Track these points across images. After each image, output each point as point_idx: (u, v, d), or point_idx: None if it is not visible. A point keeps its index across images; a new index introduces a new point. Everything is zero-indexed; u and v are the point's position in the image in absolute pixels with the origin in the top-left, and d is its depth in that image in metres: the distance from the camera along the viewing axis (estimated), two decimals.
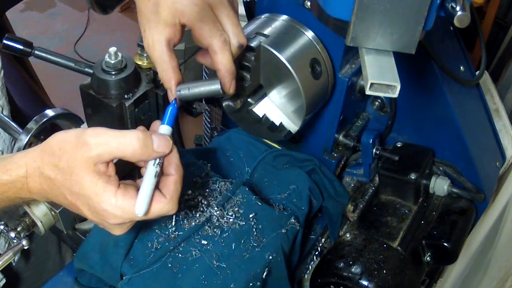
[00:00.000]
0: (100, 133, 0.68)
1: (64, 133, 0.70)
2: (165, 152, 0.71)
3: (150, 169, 0.71)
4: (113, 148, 0.67)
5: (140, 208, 0.68)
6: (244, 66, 0.90)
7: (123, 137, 0.68)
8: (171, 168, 0.73)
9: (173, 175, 0.72)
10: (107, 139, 0.67)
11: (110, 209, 0.68)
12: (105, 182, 0.68)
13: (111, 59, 0.86)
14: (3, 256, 0.92)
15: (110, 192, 0.68)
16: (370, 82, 0.74)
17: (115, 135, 0.67)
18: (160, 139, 0.70)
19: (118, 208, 0.68)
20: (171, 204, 0.71)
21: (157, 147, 0.70)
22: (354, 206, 1.11)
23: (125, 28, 3.79)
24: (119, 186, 0.69)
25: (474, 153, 1.08)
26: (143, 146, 0.68)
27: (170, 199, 0.71)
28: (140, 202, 0.68)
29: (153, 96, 0.92)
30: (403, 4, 0.72)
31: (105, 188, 0.67)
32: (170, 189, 0.72)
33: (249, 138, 1.09)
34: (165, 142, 0.71)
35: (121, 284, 0.86)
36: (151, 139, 0.69)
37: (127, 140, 0.67)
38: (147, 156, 0.70)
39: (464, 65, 1.11)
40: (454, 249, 1.03)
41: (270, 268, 0.89)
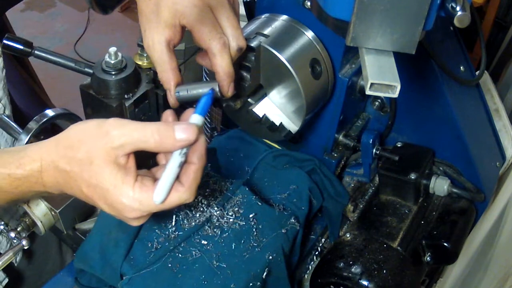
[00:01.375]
0: (122, 124, 0.67)
1: (84, 124, 0.69)
2: (189, 140, 0.68)
3: (175, 158, 0.69)
4: (136, 139, 0.66)
5: (158, 196, 0.67)
6: (244, 66, 0.90)
7: (145, 128, 0.66)
8: (194, 156, 0.70)
9: (195, 164, 0.70)
10: (129, 130, 0.66)
11: (128, 202, 0.67)
12: (124, 175, 0.67)
13: (111, 59, 0.86)
14: (3, 256, 0.92)
15: (128, 184, 0.67)
16: (370, 82, 0.74)
17: (137, 127, 0.66)
18: (185, 129, 0.67)
19: (136, 201, 0.67)
20: (188, 193, 0.70)
21: (180, 137, 0.67)
22: (354, 206, 1.11)
23: (125, 28, 3.79)
24: (137, 179, 0.68)
25: (474, 153, 1.08)
26: (164, 137, 0.66)
27: (188, 187, 0.70)
28: (159, 190, 0.67)
29: (153, 96, 0.92)
30: (403, 4, 0.72)
31: (123, 181, 0.67)
32: (190, 178, 0.70)
33: (249, 138, 1.09)
34: (190, 130, 0.67)
35: (121, 284, 0.86)
36: (172, 130, 0.67)
37: (148, 131, 0.66)
38: (170, 147, 0.68)
39: (464, 65, 1.11)
40: (454, 249, 1.03)
41: (270, 268, 0.89)
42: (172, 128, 0.67)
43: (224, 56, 0.80)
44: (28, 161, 0.70)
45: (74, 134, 0.68)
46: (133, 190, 0.67)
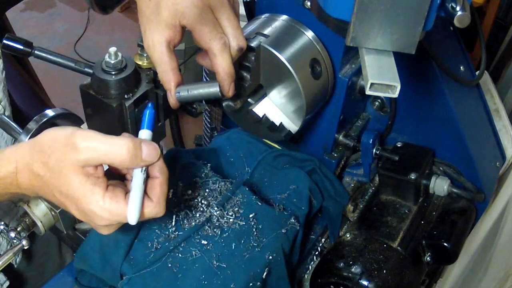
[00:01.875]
0: (90, 137, 0.67)
1: (55, 131, 0.69)
2: (153, 161, 0.70)
3: (138, 176, 0.70)
4: (102, 154, 0.67)
5: (132, 216, 0.69)
6: (244, 66, 0.90)
7: (112, 144, 0.67)
8: (155, 170, 0.71)
9: (158, 178, 0.71)
10: (96, 144, 0.67)
11: (98, 211, 0.68)
12: (93, 184, 0.67)
13: (111, 59, 0.86)
14: (3, 256, 0.92)
15: (98, 194, 0.68)
16: (370, 82, 0.74)
17: (104, 142, 0.67)
18: (149, 148, 0.69)
19: (106, 211, 0.68)
20: (158, 207, 0.71)
21: (145, 156, 0.69)
22: (354, 206, 1.11)
23: (125, 28, 3.79)
24: (107, 189, 0.69)
25: (474, 153, 1.08)
26: (132, 156, 0.67)
27: (157, 202, 0.71)
28: (132, 210, 0.69)
29: (153, 96, 0.92)
30: (403, 4, 0.72)
31: (93, 191, 0.67)
32: (157, 192, 0.71)
33: (249, 138, 1.09)
34: (154, 150, 0.70)
35: (121, 284, 0.86)
36: (140, 149, 0.68)
37: (116, 148, 0.67)
38: (135, 165, 0.69)
39: (464, 65, 1.11)
40: (454, 249, 1.03)
41: (270, 268, 0.89)
42: (140, 147, 0.68)
43: (224, 56, 0.80)
44: (4, 162, 0.71)
45: (46, 140, 0.69)
46: (103, 200, 0.68)
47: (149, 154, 0.69)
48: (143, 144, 0.69)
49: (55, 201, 0.71)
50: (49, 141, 0.69)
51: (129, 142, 0.67)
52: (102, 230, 0.73)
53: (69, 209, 0.71)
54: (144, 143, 0.69)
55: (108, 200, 0.68)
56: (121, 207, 0.68)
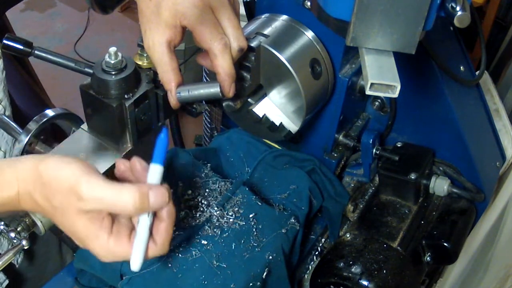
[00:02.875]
0: (95, 188, 0.65)
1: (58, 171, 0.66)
2: (161, 207, 0.68)
3: (144, 221, 0.68)
4: (107, 206, 0.65)
5: (135, 264, 0.68)
6: (244, 66, 0.90)
7: (118, 195, 0.65)
8: (163, 213, 0.69)
9: (165, 221, 0.70)
10: (101, 195, 0.65)
11: (102, 252, 0.68)
12: (98, 228, 0.67)
13: (111, 59, 0.86)
14: (3, 256, 0.92)
15: (103, 238, 0.67)
16: (370, 82, 0.74)
17: (110, 192, 0.65)
18: (157, 196, 0.66)
19: (110, 253, 0.68)
20: (161, 249, 0.71)
21: (153, 204, 0.66)
22: (354, 206, 1.11)
23: (125, 28, 3.79)
24: (112, 230, 0.68)
25: (474, 153, 1.08)
26: (138, 208, 0.66)
27: (162, 245, 0.70)
28: (135, 258, 0.68)
29: (153, 96, 0.92)
30: (403, 4, 0.72)
31: (97, 234, 0.67)
32: (162, 236, 0.70)
33: (249, 138, 1.09)
34: (162, 198, 0.67)
35: (121, 284, 0.86)
36: (148, 199, 0.66)
37: (122, 199, 0.65)
38: (142, 213, 0.68)
39: (464, 65, 1.11)
40: (454, 249, 1.03)
41: (270, 268, 0.89)
42: (147, 198, 0.66)
43: (225, 56, 0.80)
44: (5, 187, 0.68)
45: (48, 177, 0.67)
46: (107, 243, 0.67)
47: (157, 202, 0.67)
48: (151, 192, 0.66)
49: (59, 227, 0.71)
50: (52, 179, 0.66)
51: (136, 193, 0.65)
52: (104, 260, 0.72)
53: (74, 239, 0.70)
54: (152, 190, 0.66)
55: (112, 243, 0.67)
56: (125, 249, 0.68)
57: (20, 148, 0.94)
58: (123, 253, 0.68)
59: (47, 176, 0.67)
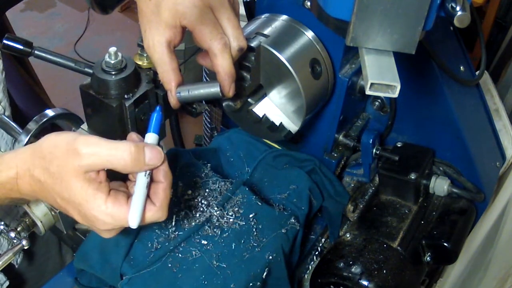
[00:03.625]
0: (91, 143, 0.67)
1: (56, 137, 0.69)
2: (157, 165, 0.70)
3: (141, 180, 0.70)
4: (104, 160, 0.67)
5: (133, 220, 0.69)
6: (244, 66, 0.90)
7: (114, 149, 0.67)
8: (160, 175, 0.71)
9: (162, 182, 0.71)
10: (98, 149, 0.67)
11: (100, 216, 0.68)
12: (95, 189, 0.67)
13: (111, 59, 0.86)
14: (3, 256, 0.92)
15: (101, 199, 0.68)
16: (370, 82, 0.74)
17: (106, 147, 0.67)
18: (152, 152, 0.69)
19: (108, 215, 0.68)
20: (161, 212, 0.71)
21: (148, 160, 0.69)
22: (354, 206, 1.11)
23: (125, 28, 3.79)
24: (110, 193, 0.69)
25: (474, 153, 1.08)
26: (134, 160, 0.67)
27: (160, 206, 0.71)
28: (133, 214, 0.69)
29: (153, 96, 0.92)
30: (403, 4, 0.72)
31: (95, 196, 0.67)
32: (160, 197, 0.71)
33: (249, 138, 1.09)
34: (157, 154, 0.69)
35: (121, 284, 0.86)
36: (143, 153, 0.68)
37: (118, 153, 0.67)
38: (138, 169, 0.69)
39: (464, 65, 1.11)
40: (454, 249, 1.03)
41: (270, 268, 0.89)
42: (142, 151, 0.68)
43: (225, 56, 0.80)
44: (4, 168, 0.70)
45: (46, 146, 0.69)
46: (105, 205, 0.68)
47: (152, 158, 0.69)
48: (147, 148, 0.69)
49: (57, 206, 0.71)
50: (50, 146, 0.68)
51: (131, 147, 0.67)
52: (104, 234, 0.73)
53: (71, 214, 0.71)
54: (148, 147, 0.69)
55: (110, 205, 0.68)
56: (123, 211, 0.68)
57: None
58: (121, 215, 0.68)
59: (46, 144, 0.69)
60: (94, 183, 0.67)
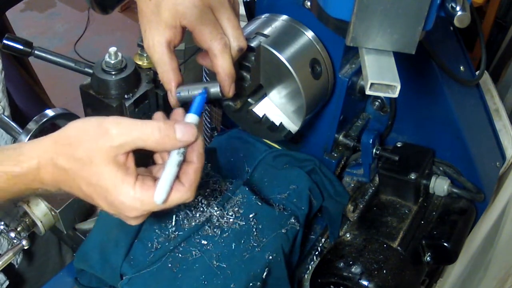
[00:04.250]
0: (122, 122, 0.67)
1: (82, 122, 0.68)
2: (190, 141, 0.69)
3: (173, 157, 0.69)
4: (135, 137, 0.66)
5: (159, 196, 0.67)
6: (244, 66, 0.90)
7: (144, 127, 0.67)
8: (193, 155, 0.71)
9: (195, 163, 0.71)
10: (129, 128, 0.66)
11: (129, 201, 0.67)
12: (124, 174, 0.67)
13: (111, 59, 0.86)
14: (3, 256, 0.92)
15: (129, 184, 0.67)
16: (370, 82, 0.74)
17: (137, 125, 0.67)
18: (185, 128, 0.69)
19: (137, 200, 0.67)
20: (189, 193, 0.70)
21: (181, 137, 0.68)
22: (354, 206, 1.11)
23: (125, 28, 3.79)
24: (137, 178, 0.68)
25: (474, 153, 1.08)
26: (165, 136, 0.67)
27: (189, 187, 0.70)
28: (160, 190, 0.68)
29: (153, 96, 0.92)
30: (403, 4, 0.72)
31: (123, 180, 0.67)
32: (190, 177, 0.70)
33: (249, 138, 1.09)
34: (190, 130, 0.69)
35: (121, 284, 0.86)
36: (173, 129, 0.68)
37: (148, 130, 0.67)
38: (170, 146, 0.69)
39: (464, 65, 1.11)
40: (454, 249, 1.03)
41: (270, 268, 0.89)
42: (173, 127, 0.68)
43: (225, 56, 0.80)
44: (25, 158, 0.69)
45: (73, 132, 0.68)
46: (133, 190, 0.67)
47: (185, 134, 0.68)
48: (179, 125, 0.68)
49: (81, 195, 0.70)
50: (77, 132, 0.68)
51: (160, 123, 0.67)
52: (130, 221, 0.72)
53: (97, 201, 0.70)
54: (180, 124, 0.69)
55: (138, 190, 0.67)
56: (151, 195, 0.68)
57: None
58: (150, 199, 0.67)
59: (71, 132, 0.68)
60: (123, 168, 0.67)
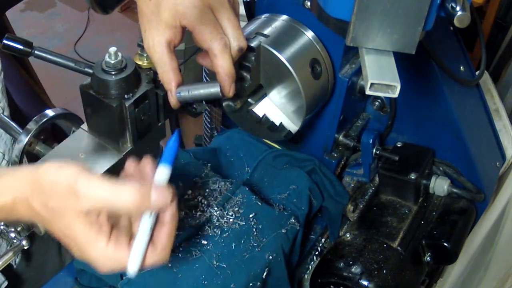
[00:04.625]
0: (93, 185, 0.64)
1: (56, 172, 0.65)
2: (164, 207, 0.66)
3: (145, 222, 0.66)
4: (106, 203, 0.64)
5: (132, 266, 0.66)
6: (244, 66, 0.90)
7: (117, 193, 0.64)
8: (166, 216, 0.68)
9: (168, 224, 0.68)
10: (100, 193, 0.64)
11: (101, 259, 0.66)
12: (97, 232, 0.65)
13: (111, 59, 0.86)
14: (3, 256, 0.92)
15: (102, 242, 0.65)
16: (370, 82, 0.74)
17: (109, 190, 0.64)
18: (159, 194, 0.65)
19: (109, 259, 0.66)
20: (163, 255, 0.69)
21: (154, 203, 0.65)
22: (354, 206, 1.11)
23: (125, 28, 3.79)
24: (111, 235, 0.66)
25: (474, 153, 1.08)
26: (139, 206, 0.64)
27: (162, 250, 0.68)
28: (133, 260, 0.66)
29: (153, 96, 0.92)
30: (403, 4, 0.72)
31: (97, 238, 0.65)
32: (164, 241, 0.68)
33: (249, 138, 1.09)
34: (164, 197, 0.65)
35: (121, 284, 0.86)
36: (149, 197, 0.64)
37: (122, 197, 0.64)
38: (142, 212, 0.67)
39: (464, 65, 1.11)
40: (454, 249, 1.03)
41: (270, 268, 0.89)
42: (148, 195, 0.64)
43: (225, 56, 0.80)
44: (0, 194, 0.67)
45: (46, 181, 0.66)
46: (106, 248, 0.65)
47: (158, 200, 0.65)
48: (154, 190, 0.65)
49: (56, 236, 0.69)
50: (50, 183, 0.65)
51: (136, 192, 0.64)
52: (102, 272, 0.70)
53: (71, 249, 0.69)
54: (155, 189, 0.65)
55: (111, 249, 0.66)
56: (125, 255, 0.66)
57: (20, 148, 0.94)
58: (122, 259, 0.66)
59: (46, 179, 0.66)
60: (95, 226, 0.65)
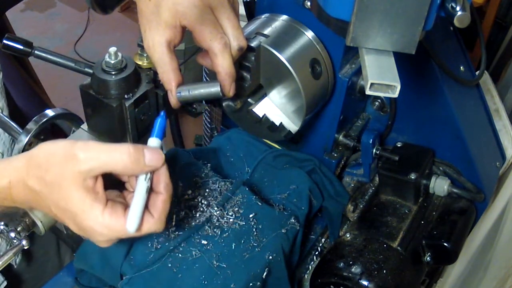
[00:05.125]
0: (90, 147, 0.66)
1: (52, 145, 0.68)
2: (157, 166, 0.69)
3: (141, 184, 0.69)
4: (103, 162, 0.66)
5: (131, 225, 0.68)
6: (244, 66, 0.90)
7: (113, 151, 0.66)
8: (160, 186, 0.71)
9: (162, 194, 0.71)
10: (97, 153, 0.66)
11: (97, 227, 0.67)
12: (93, 199, 0.66)
13: (111, 59, 0.86)
14: (3, 256, 0.92)
15: (98, 209, 0.67)
16: (370, 82, 0.74)
17: (105, 149, 0.66)
18: (152, 153, 0.68)
19: (105, 227, 0.67)
20: (158, 223, 0.71)
21: (148, 161, 0.68)
22: (354, 206, 1.11)
23: (125, 28, 3.80)
24: (107, 204, 0.68)
25: (474, 153, 1.08)
26: (134, 161, 0.67)
27: (158, 218, 0.70)
28: (132, 219, 0.68)
29: (153, 96, 0.92)
30: (403, 4, 0.72)
31: (92, 206, 0.66)
32: (159, 208, 0.71)
33: (249, 138, 1.09)
34: (157, 156, 0.69)
35: (121, 284, 0.86)
36: (142, 154, 0.67)
37: (117, 154, 0.66)
38: (138, 171, 0.69)
39: (464, 65, 1.11)
40: (454, 249, 1.03)
41: (270, 268, 0.89)
42: (142, 152, 0.68)
43: (225, 56, 0.80)
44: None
45: (43, 154, 0.68)
46: (102, 216, 0.67)
47: (152, 159, 0.68)
48: (146, 150, 0.68)
49: (52, 215, 0.70)
50: (47, 155, 0.67)
51: (130, 148, 0.67)
52: (99, 244, 0.72)
53: (66, 223, 0.70)
54: (148, 149, 0.68)
55: (107, 216, 0.67)
56: (120, 223, 0.67)
57: (20, 148, 0.94)
58: (118, 226, 0.67)
59: (42, 154, 0.68)
60: (91, 193, 0.67)
